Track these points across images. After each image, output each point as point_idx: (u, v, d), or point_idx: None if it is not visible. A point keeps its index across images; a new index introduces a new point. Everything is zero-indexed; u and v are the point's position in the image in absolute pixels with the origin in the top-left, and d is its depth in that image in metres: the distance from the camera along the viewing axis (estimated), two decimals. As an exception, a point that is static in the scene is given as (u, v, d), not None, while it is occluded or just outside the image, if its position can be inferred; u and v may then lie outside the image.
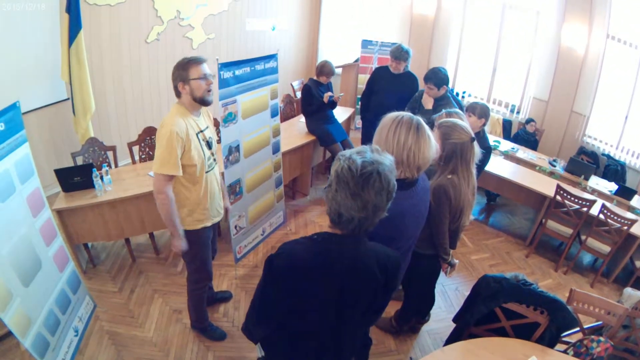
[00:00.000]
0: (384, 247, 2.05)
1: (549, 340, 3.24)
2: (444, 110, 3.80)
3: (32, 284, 3.14)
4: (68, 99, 6.00)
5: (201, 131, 3.31)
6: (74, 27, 5.48)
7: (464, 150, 3.10)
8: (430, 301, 4.25)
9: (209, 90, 3.21)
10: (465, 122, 3.56)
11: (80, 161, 5.06)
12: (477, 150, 3.21)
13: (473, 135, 3.12)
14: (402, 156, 2.35)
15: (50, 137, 6.19)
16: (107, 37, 6.46)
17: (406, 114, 2.43)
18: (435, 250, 3.42)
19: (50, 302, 3.37)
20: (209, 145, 3.40)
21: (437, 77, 4.91)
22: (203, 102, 3.22)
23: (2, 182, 2.96)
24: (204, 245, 3.62)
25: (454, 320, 3.70)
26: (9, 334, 2.88)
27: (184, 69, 3.12)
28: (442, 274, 3.80)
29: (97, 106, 6.17)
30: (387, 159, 1.84)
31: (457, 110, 3.84)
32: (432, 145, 2.41)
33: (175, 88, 3.18)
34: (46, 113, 6.04)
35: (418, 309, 4.27)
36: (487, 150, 4.43)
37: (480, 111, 4.42)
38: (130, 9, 6.61)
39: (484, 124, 4.39)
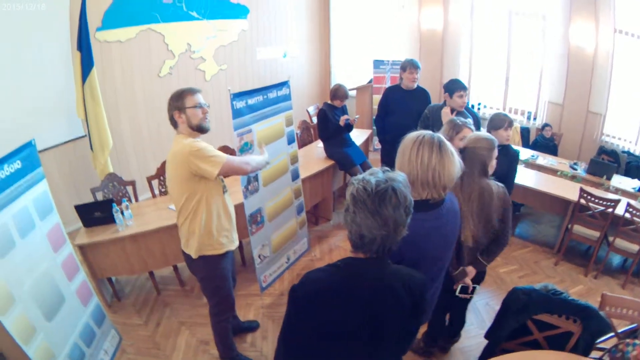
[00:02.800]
0: (408, 268, 2.02)
1: (584, 348, 3.17)
2: (455, 118, 3.77)
3: (56, 318, 3.18)
4: (85, 135, 6.07)
5: None
6: (86, 64, 5.58)
7: (490, 159, 3.10)
8: (461, 323, 4.18)
9: (206, 118, 3.27)
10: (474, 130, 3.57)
11: (100, 196, 5.11)
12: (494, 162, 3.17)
13: (496, 144, 3.10)
14: (427, 177, 2.29)
15: (70, 174, 6.27)
16: (119, 73, 6.56)
17: (427, 132, 2.37)
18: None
19: (75, 336, 3.40)
20: None
21: (462, 84, 4.90)
22: (201, 129, 3.26)
23: (22, 219, 3.02)
24: (225, 275, 3.59)
25: (486, 336, 3.64)
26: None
27: (178, 99, 3.21)
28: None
29: (115, 141, 6.23)
30: (400, 176, 1.84)
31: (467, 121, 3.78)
32: (457, 162, 2.34)
33: (172, 118, 3.25)
34: (64, 150, 6.14)
35: (449, 330, 4.20)
36: (515, 159, 4.35)
37: (509, 122, 4.34)
38: (141, 45, 6.72)
39: (510, 136, 4.36)
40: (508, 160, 4.04)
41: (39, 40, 5.54)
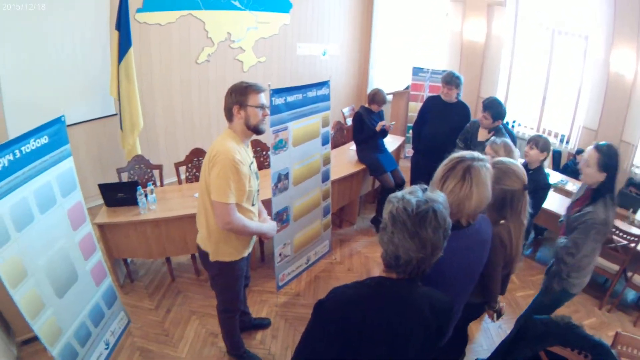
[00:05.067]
0: (436, 291, 2.00)
1: (591, 383, 3.14)
2: (497, 140, 3.73)
3: (67, 295, 3.20)
4: (116, 114, 6.15)
5: (251, 163, 3.29)
6: (124, 44, 5.64)
7: (514, 199, 2.93)
8: (465, 340, 4.14)
9: (264, 120, 3.20)
10: (518, 156, 3.50)
11: (125, 177, 5.16)
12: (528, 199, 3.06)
13: (526, 183, 2.95)
14: (450, 206, 2.25)
15: (97, 151, 6.37)
16: (157, 56, 6.64)
17: (464, 157, 2.34)
18: (484, 298, 3.26)
19: (84, 315, 3.43)
20: (256, 177, 3.39)
21: (495, 109, 4.84)
22: (257, 130, 3.19)
23: (43, 194, 3.03)
24: (238, 278, 3.56)
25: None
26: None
27: (242, 94, 3.08)
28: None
29: (146, 124, 6.31)
30: (441, 197, 1.81)
31: (508, 140, 3.74)
32: (487, 191, 2.31)
33: (229, 111, 3.12)
34: (95, 126, 6.23)
35: (453, 350, 4.14)
36: (546, 187, 4.30)
37: (543, 145, 4.30)
38: (181, 30, 6.79)
39: (545, 159, 4.29)
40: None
41: (79, 17, 5.64)
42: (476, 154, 2.38)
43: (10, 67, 5.24)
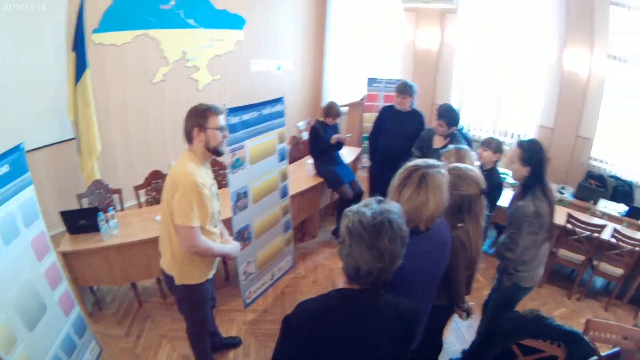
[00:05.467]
0: (400, 298, 2.02)
1: (568, 371, 3.18)
2: (451, 146, 3.79)
3: (37, 328, 3.12)
4: (74, 138, 6.04)
5: (212, 184, 3.28)
6: (80, 66, 5.59)
7: (471, 204, 2.99)
8: (438, 347, 4.15)
9: (223, 142, 3.21)
10: (474, 160, 3.56)
11: (85, 203, 5.08)
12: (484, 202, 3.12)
13: (483, 188, 3.02)
14: (408, 213, 2.28)
15: (57, 176, 6.23)
16: (112, 77, 6.54)
17: (417, 166, 2.41)
18: (449, 300, 3.27)
19: (56, 346, 3.34)
20: (217, 199, 3.37)
21: (450, 116, 4.93)
22: (217, 152, 3.19)
23: (6, 225, 2.95)
24: (205, 300, 3.55)
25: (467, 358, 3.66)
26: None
27: (202, 116, 3.07)
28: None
29: (103, 147, 6.21)
30: (395, 207, 1.86)
31: (465, 146, 3.81)
32: (443, 196, 2.38)
33: (189, 133, 3.10)
34: (54, 151, 6.11)
35: (426, 358, 4.16)
36: (499, 186, 4.41)
37: (495, 146, 4.47)
38: (136, 49, 6.71)
39: (498, 160, 4.38)
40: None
41: (36, 39, 5.55)
42: (431, 161, 2.45)
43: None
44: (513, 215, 3.51)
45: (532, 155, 3.42)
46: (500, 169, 5.04)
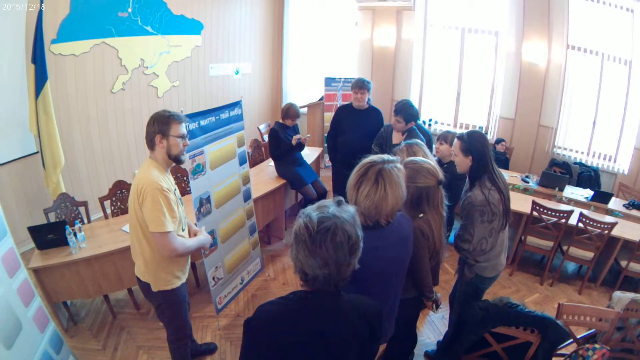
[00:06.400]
0: (362, 297, 2.03)
1: (543, 356, 3.25)
2: (403, 143, 3.80)
3: (15, 346, 3.07)
4: (38, 152, 5.93)
5: (175, 189, 3.27)
6: (40, 78, 5.47)
7: (429, 195, 3.03)
8: (413, 341, 4.17)
9: (185, 151, 3.22)
10: (427, 153, 3.59)
11: (52, 217, 4.98)
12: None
13: (440, 178, 3.05)
14: (368, 209, 2.36)
15: (23, 192, 6.12)
16: (73, 88, 6.44)
17: (373, 162, 2.43)
18: (417, 292, 3.30)
19: (35, 364, 3.28)
20: (181, 203, 3.36)
21: (407, 112, 4.96)
22: (178, 160, 3.21)
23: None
24: (182, 303, 3.55)
25: (443, 349, 3.68)
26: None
27: (165, 123, 3.07)
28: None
29: (67, 159, 6.11)
30: (348, 212, 1.83)
31: (417, 141, 3.79)
32: (401, 190, 2.40)
33: (152, 140, 3.10)
34: (18, 167, 5.98)
35: (401, 351, 4.18)
36: (461, 178, 4.46)
37: (452, 139, 4.52)
38: (95, 59, 6.61)
39: None
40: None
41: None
42: (386, 156, 2.48)
43: None
44: (463, 206, 3.53)
45: (470, 145, 3.45)
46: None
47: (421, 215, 3.06)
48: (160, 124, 3.06)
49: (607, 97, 7.28)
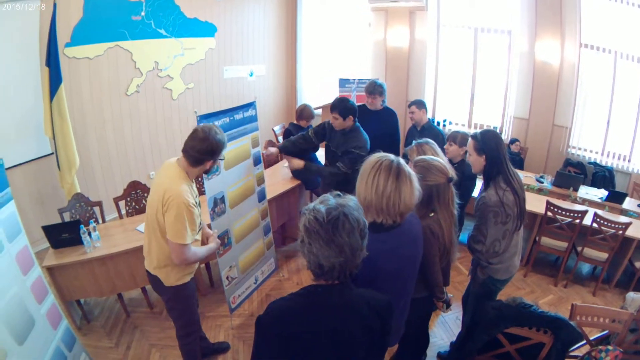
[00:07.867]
0: (371, 291, 2.02)
1: (556, 357, 3.22)
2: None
3: (27, 342, 3.09)
4: (53, 153, 5.99)
5: (196, 196, 3.33)
6: (55, 80, 5.52)
7: (440, 192, 3.03)
8: (425, 342, 4.16)
9: None
10: (439, 152, 3.58)
11: (67, 217, 5.03)
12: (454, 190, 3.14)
13: (450, 176, 3.04)
14: (381, 204, 2.30)
15: (37, 192, 6.18)
16: (87, 90, 6.50)
17: (386, 157, 2.38)
18: (428, 292, 3.30)
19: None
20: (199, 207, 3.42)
21: (343, 107, 4.88)
22: (207, 172, 3.42)
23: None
24: (191, 297, 3.62)
25: (455, 349, 3.66)
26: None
27: (219, 152, 3.24)
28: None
29: (82, 160, 6.18)
30: (351, 200, 1.86)
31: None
32: (415, 189, 2.35)
33: (200, 161, 3.19)
34: (32, 168, 6.06)
35: (413, 352, 4.16)
36: (472, 178, 4.44)
37: (461, 140, 4.52)
38: (109, 62, 6.67)
39: (466, 152, 4.41)
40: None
41: (9, 55, 5.51)
42: (393, 156, 2.43)
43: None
44: (477, 206, 3.50)
45: (484, 144, 3.42)
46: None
47: (432, 214, 3.06)
48: (217, 153, 3.22)
49: (621, 96, 7.20)
